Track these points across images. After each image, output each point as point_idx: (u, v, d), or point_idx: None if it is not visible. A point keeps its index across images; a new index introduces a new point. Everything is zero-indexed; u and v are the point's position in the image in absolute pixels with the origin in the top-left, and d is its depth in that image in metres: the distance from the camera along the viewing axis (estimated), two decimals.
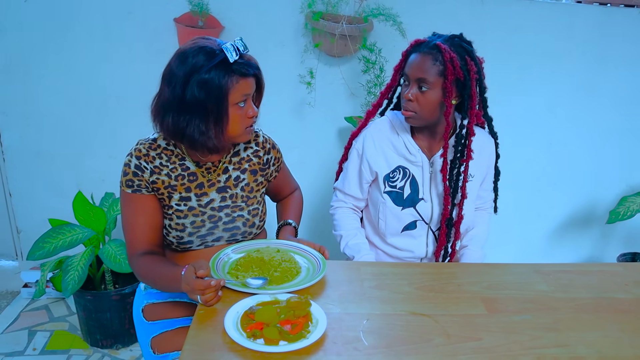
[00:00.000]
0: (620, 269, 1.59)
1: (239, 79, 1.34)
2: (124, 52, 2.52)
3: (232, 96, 1.34)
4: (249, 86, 1.38)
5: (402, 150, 1.73)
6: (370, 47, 2.44)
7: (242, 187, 1.53)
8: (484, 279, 1.43)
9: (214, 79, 1.31)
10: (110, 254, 2.19)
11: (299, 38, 2.52)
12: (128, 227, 1.45)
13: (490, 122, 1.81)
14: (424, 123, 1.67)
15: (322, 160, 2.45)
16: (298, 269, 1.35)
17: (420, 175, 1.74)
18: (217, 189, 1.49)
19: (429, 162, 1.73)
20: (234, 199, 1.51)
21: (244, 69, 1.34)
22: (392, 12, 2.40)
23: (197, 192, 1.47)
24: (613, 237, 3.12)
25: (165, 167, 1.45)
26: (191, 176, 1.47)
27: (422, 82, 1.59)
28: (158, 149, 1.46)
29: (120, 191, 1.46)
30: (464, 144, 1.68)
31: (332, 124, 2.69)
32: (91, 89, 2.57)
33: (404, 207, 1.74)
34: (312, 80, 2.50)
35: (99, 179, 2.70)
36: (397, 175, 1.74)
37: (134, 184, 1.43)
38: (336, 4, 2.41)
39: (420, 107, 1.61)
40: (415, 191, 1.74)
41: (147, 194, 1.45)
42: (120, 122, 2.63)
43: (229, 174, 1.52)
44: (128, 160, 1.44)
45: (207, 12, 2.43)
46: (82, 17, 2.45)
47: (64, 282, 2.13)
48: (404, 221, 1.76)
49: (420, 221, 1.76)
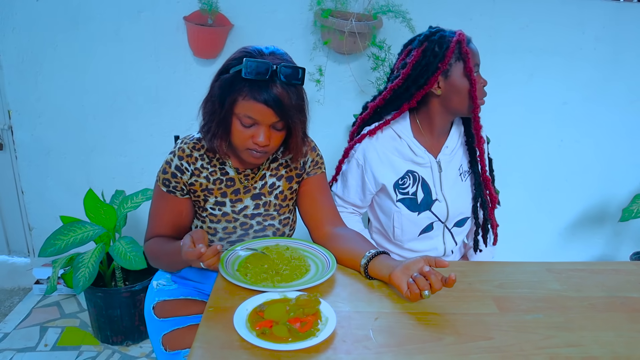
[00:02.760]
0: (634, 268, 1.57)
1: (248, 97, 1.28)
2: (134, 51, 2.53)
3: (238, 108, 1.30)
4: (260, 113, 1.29)
5: (408, 155, 1.70)
6: (380, 45, 2.43)
7: (277, 194, 1.51)
8: (495, 278, 1.42)
9: (227, 80, 1.30)
10: (121, 251, 2.20)
11: (308, 35, 2.51)
12: (154, 217, 1.49)
13: None
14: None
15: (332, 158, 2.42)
16: (307, 267, 1.35)
17: (430, 177, 1.71)
18: (252, 195, 1.48)
19: (436, 161, 1.71)
20: (267, 207, 1.50)
21: (257, 93, 1.26)
22: (401, 9, 2.38)
23: (232, 198, 1.47)
24: (626, 236, 3.08)
25: (205, 169, 1.44)
26: (229, 181, 1.46)
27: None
28: (202, 149, 1.45)
29: (156, 183, 1.47)
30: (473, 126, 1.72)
31: (341, 121, 2.68)
32: (102, 87, 2.58)
33: (420, 212, 1.72)
34: (322, 78, 2.50)
35: (110, 176, 2.72)
36: (408, 181, 1.71)
37: (170, 184, 1.44)
38: (345, 2, 2.40)
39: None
40: (428, 194, 1.71)
41: (181, 197, 1.46)
42: (131, 120, 2.64)
43: (266, 180, 1.50)
44: (170, 158, 1.44)
45: (217, 10, 2.43)
46: (93, 16, 2.46)
47: (75, 279, 2.14)
48: (420, 225, 1.74)
49: (437, 222, 1.74)
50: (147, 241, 1.50)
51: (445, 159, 1.71)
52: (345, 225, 1.53)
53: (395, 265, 1.26)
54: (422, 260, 1.23)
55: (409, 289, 1.20)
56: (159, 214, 1.49)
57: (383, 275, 1.29)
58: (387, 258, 1.32)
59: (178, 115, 2.61)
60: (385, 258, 1.32)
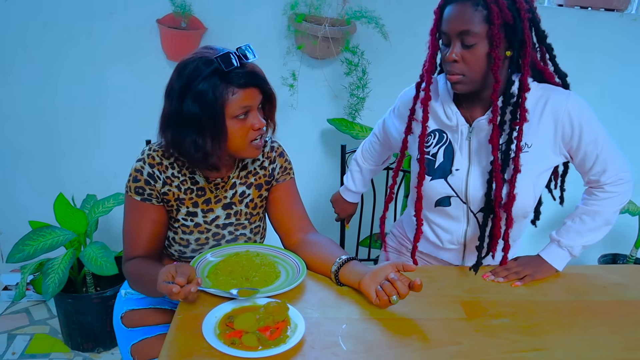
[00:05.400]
0: (599, 271, 1.61)
1: (237, 89, 1.26)
2: (106, 53, 2.50)
3: (230, 109, 1.27)
4: (251, 97, 1.28)
5: (439, 114, 1.49)
6: (353, 50, 2.44)
7: (247, 203, 1.49)
8: (464, 282, 1.44)
9: (208, 91, 1.24)
10: (92, 256, 2.17)
11: (282, 40, 2.52)
12: (131, 232, 1.40)
13: (565, 79, 1.48)
14: (474, 86, 1.37)
15: (305, 162, 2.45)
16: (277, 273, 1.35)
17: (458, 142, 1.48)
18: (222, 205, 1.46)
19: (468, 127, 1.47)
20: (238, 217, 1.48)
21: (242, 80, 1.25)
22: (374, 15, 2.40)
23: (204, 208, 1.45)
24: None
25: (176, 178, 1.40)
26: (199, 191, 1.44)
27: (464, 35, 1.29)
28: (171, 157, 1.40)
29: (126, 195, 1.40)
30: (516, 103, 1.37)
31: (315, 126, 2.69)
32: (73, 89, 2.55)
33: (433, 178, 1.51)
34: (295, 83, 2.50)
35: (81, 180, 2.68)
36: (432, 140, 1.51)
37: (145, 192, 1.38)
38: (319, 7, 2.41)
39: (468, 66, 1.32)
40: (448, 160, 1.49)
41: (157, 204, 1.40)
42: (103, 123, 2.61)
43: (236, 189, 1.47)
44: (140, 166, 1.38)
45: (190, 13, 2.42)
46: (64, 17, 2.43)
47: (45, 285, 2.11)
48: (434, 195, 1.52)
49: (455, 198, 1.50)
50: (126, 262, 1.40)
51: (480, 130, 1.45)
52: (316, 231, 1.53)
53: (365, 272, 1.27)
54: (390, 266, 1.24)
55: (378, 296, 1.21)
56: (135, 228, 1.40)
57: (353, 282, 1.29)
58: (358, 264, 1.33)
59: (151, 118, 2.54)
60: (355, 264, 1.33)
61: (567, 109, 1.38)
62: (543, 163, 1.44)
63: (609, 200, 1.47)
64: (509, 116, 1.38)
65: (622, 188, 1.47)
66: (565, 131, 1.40)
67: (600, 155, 1.42)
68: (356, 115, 2.56)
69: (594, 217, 1.48)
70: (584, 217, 1.49)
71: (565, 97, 1.39)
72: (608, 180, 1.45)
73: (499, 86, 1.34)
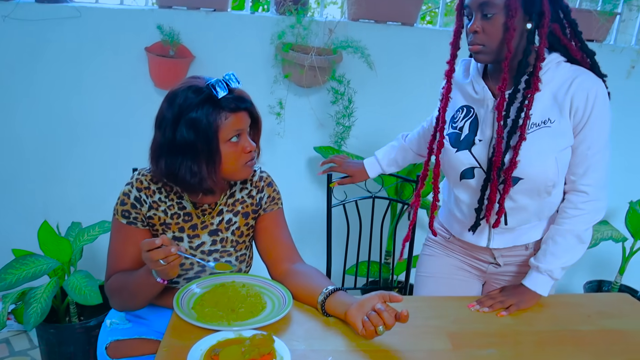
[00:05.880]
0: (583, 300, 1.63)
1: (229, 114, 1.32)
2: (94, 80, 2.51)
3: (223, 133, 1.33)
4: (241, 121, 1.36)
5: (468, 91, 1.56)
6: (339, 79, 2.48)
7: (233, 230, 1.51)
8: (450, 313, 1.44)
9: (201, 118, 1.30)
10: (76, 285, 2.14)
11: (269, 69, 2.55)
12: (115, 254, 1.44)
13: (593, 57, 1.48)
14: (495, 57, 1.43)
15: (292, 190, 2.45)
16: (263, 305, 1.34)
17: (483, 114, 1.53)
18: (209, 231, 1.48)
19: (494, 101, 1.50)
20: (224, 243, 1.50)
21: (233, 104, 1.33)
22: (360, 45, 2.44)
23: (190, 234, 1.46)
24: (580, 265, 3.10)
25: (163, 203, 1.44)
26: (186, 216, 1.46)
27: (484, 7, 1.37)
28: (159, 182, 1.44)
29: (114, 218, 1.44)
30: (530, 72, 1.42)
31: (301, 154, 2.71)
32: (60, 116, 2.55)
33: (459, 149, 1.55)
34: (282, 111, 2.52)
35: (66, 207, 2.66)
36: (459, 115, 1.58)
37: (131, 215, 1.42)
38: (306, 36, 2.45)
39: (488, 37, 1.39)
40: (473, 132, 1.54)
41: (142, 228, 1.44)
42: (90, 150, 2.61)
43: (223, 216, 1.50)
44: (128, 189, 1.43)
45: (178, 42, 2.45)
46: (54, 44, 2.45)
47: (26, 315, 2.07)
48: (459, 167, 1.56)
49: (478, 169, 1.53)
50: (108, 279, 1.44)
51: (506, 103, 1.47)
52: (303, 261, 1.53)
53: (351, 302, 1.27)
54: (377, 297, 1.24)
55: (364, 327, 1.21)
56: (119, 249, 1.44)
57: (339, 313, 1.29)
58: (344, 295, 1.33)
59: (137, 146, 2.55)
60: (341, 295, 1.33)
61: (588, 91, 1.40)
62: (566, 139, 1.45)
63: (580, 217, 1.50)
64: (523, 85, 1.43)
65: (593, 206, 1.50)
66: (578, 111, 1.42)
67: (590, 156, 1.46)
68: (342, 143, 2.58)
69: (565, 236, 1.51)
70: (556, 237, 1.52)
71: (593, 81, 1.43)
72: (583, 187, 1.48)
73: (510, 55, 1.40)
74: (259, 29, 2.50)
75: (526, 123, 1.42)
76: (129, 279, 1.37)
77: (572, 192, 1.51)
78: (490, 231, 1.60)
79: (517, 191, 1.49)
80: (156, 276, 1.28)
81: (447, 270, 1.75)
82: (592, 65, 1.47)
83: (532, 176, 1.46)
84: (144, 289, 1.34)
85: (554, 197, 1.52)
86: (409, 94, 2.69)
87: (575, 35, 1.48)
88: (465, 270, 1.74)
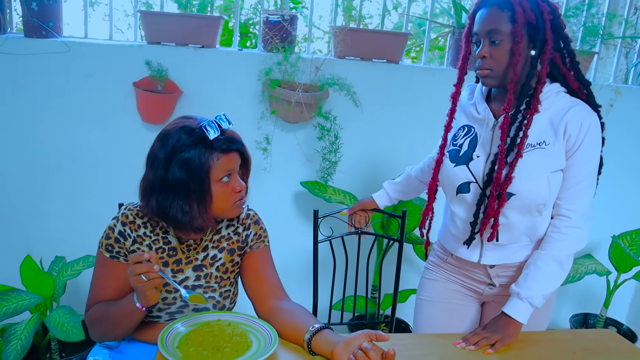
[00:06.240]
0: (568, 337, 1.63)
1: (220, 155, 1.35)
2: (81, 114, 2.52)
3: (214, 173, 1.35)
4: (232, 161, 1.39)
5: (471, 111, 1.67)
6: (326, 115, 2.51)
7: (218, 267, 1.51)
8: (436, 351, 1.44)
9: (194, 158, 1.33)
10: (58, 321, 2.11)
11: (256, 105, 2.58)
12: (96, 286, 1.46)
13: (588, 87, 1.59)
14: (501, 80, 1.53)
15: (279, 225, 2.46)
16: (249, 343, 1.33)
17: (482, 132, 1.62)
18: (193, 266, 1.48)
19: (494, 120, 1.60)
20: (208, 279, 1.50)
21: (224, 145, 1.35)
22: (346, 82, 2.49)
23: (174, 268, 1.47)
24: (565, 298, 3.19)
25: (148, 237, 1.45)
26: (171, 251, 1.47)
27: (493, 34, 1.48)
28: (145, 217, 1.46)
29: (98, 250, 1.46)
30: (531, 95, 1.51)
31: (288, 189, 2.72)
32: (46, 149, 2.54)
33: (457, 164, 1.63)
34: (269, 146, 2.55)
35: (50, 241, 2.64)
36: (460, 133, 1.68)
37: (114, 250, 1.44)
38: (293, 73, 2.49)
39: (496, 62, 1.50)
40: (472, 148, 1.62)
41: (124, 262, 1.45)
42: (75, 183, 2.59)
43: (208, 252, 1.50)
44: (113, 224, 1.45)
45: (167, 77, 2.47)
46: (42, 78, 2.45)
47: (5, 352, 2.03)
48: (456, 181, 1.64)
49: (474, 184, 1.61)
50: (88, 310, 1.45)
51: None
52: (289, 298, 1.53)
53: (337, 341, 1.27)
54: (363, 335, 1.25)
55: None
56: (101, 282, 1.46)
57: (325, 351, 1.29)
58: (330, 333, 1.33)
59: (124, 180, 2.57)
60: (328, 333, 1.33)
61: (582, 120, 1.49)
62: (558, 162, 1.52)
63: (562, 242, 1.55)
64: (524, 106, 1.52)
65: (575, 233, 1.55)
66: (571, 137, 1.50)
67: (576, 183, 1.53)
68: (329, 178, 2.61)
69: (547, 261, 1.54)
70: (538, 262, 1.55)
71: (588, 112, 1.52)
72: (566, 212, 1.55)
73: (516, 78, 1.49)
74: (247, 66, 2.54)
75: (524, 141, 1.51)
76: (110, 308, 1.38)
77: (556, 217, 1.57)
78: (483, 247, 1.64)
79: (510, 207, 1.55)
80: (136, 300, 1.29)
81: (445, 295, 1.79)
82: (587, 95, 1.58)
83: (525, 192, 1.52)
84: (125, 317, 1.35)
85: (544, 218, 1.58)
86: (395, 129, 2.74)
87: (573, 65, 1.58)
88: (463, 294, 1.77)
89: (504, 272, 1.66)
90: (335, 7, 2.73)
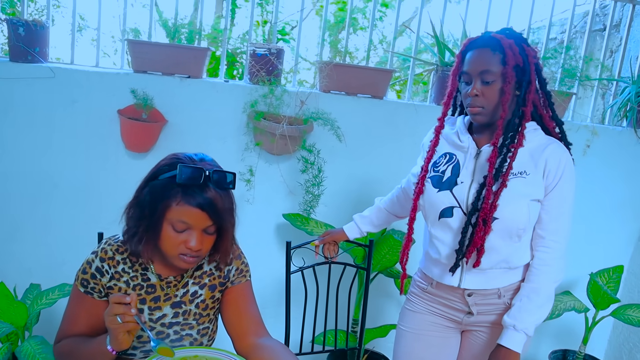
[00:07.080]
0: None
1: (183, 203, 1.29)
2: (65, 139, 2.50)
3: (169, 214, 1.31)
4: (194, 218, 1.30)
5: (453, 139, 1.73)
6: (310, 148, 2.53)
7: (197, 303, 1.48)
8: None
9: (160, 187, 1.31)
10: (29, 352, 2.05)
11: (241, 136, 2.58)
12: (68, 319, 1.44)
13: (561, 126, 1.72)
14: (491, 117, 1.62)
15: (261, 257, 2.45)
16: None
17: (464, 160, 1.69)
18: (172, 303, 1.45)
19: (477, 149, 1.68)
20: (186, 316, 1.47)
21: (194, 199, 1.28)
22: (330, 117, 2.51)
23: (151, 306, 1.43)
24: (545, 334, 3.20)
25: (126, 273, 1.42)
26: (150, 288, 1.44)
27: (485, 74, 1.57)
28: (125, 252, 1.43)
29: (74, 283, 1.44)
30: (516, 130, 1.61)
31: (270, 221, 2.72)
32: (27, 174, 2.51)
33: (441, 189, 1.69)
34: (252, 178, 2.55)
35: (25, 267, 2.58)
36: (442, 160, 1.74)
37: (89, 285, 1.41)
38: (278, 106, 2.51)
39: (487, 100, 1.58)
40: (455, 174, 1.69)
41: (98, 299, 1.42)
42: (55, 209, 2.56)
43: (188, 288, 1.47)
44: (92, 259, 1.42)
45: (152, 106, 2.47)
46: (25, 103, 2.43)
47: None
48: (440, 205, 1.69)
49: (457, 208, 1.67)
50: (57, 342, 1.42)
51: (486, 154, 1.66)
52: (269, 335, 1.51)
53: None
54: None
55: None
56: (73, 315, 1.43)
57: None
58: None
59: (105, 208, 2.55)
60: None
61: (560, 157, 1.62)
62: (537, 191, 1.62)
63: (549, 275, 1.64)
64: (509, 140, 1.61)
65: (560, 265, 1.65)
66: (550, 173, 1.61)
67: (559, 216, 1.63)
68: (311, 211, 2.61)
69: (538, 293, 1.63)
70: (531, 295, 1.63)
71: (564, 150, 1.65)
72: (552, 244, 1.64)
73: (505, 114, 1.59)
74: (232, 97, 2.55)
75: (509, 172, 1.60)
76: (81, 345, 1.35)
77: (541, 248, 1.66)
78: (463, 271, 1.69)
79: (492, 230, 1.62)
80: (108, 343, 1.25)
81: (425, 327, 1.84)
82: (560, 134, 1.71)
83: (507, 216, 1.60)
84: (94, 357, 1.31)
85: (523, 244, 1.66)
86: (378, 164, 2.77)
87: (549, 106, 1.70)
88: (443, 327, 1.81)
89: (481, 300, 1.71)
90: (322, 41, 2.78)
